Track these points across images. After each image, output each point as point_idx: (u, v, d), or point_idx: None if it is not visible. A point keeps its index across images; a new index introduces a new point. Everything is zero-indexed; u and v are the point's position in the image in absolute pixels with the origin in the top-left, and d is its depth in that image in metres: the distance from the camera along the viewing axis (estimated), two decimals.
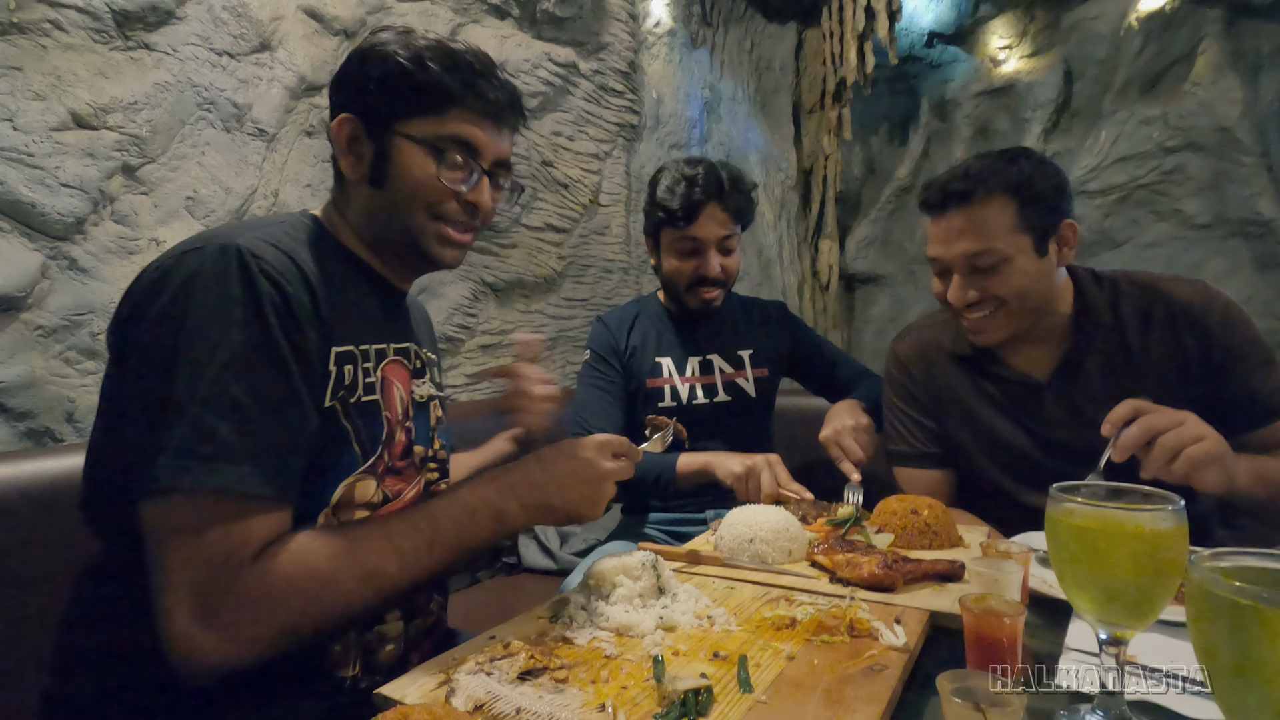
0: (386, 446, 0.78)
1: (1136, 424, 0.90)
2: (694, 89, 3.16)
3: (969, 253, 1.09)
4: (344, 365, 0.74)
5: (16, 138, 1.25)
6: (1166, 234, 3.36)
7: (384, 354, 0.81)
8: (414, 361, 0.88)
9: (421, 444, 0.86)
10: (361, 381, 0.76)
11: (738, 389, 1.53)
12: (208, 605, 0.61)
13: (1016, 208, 1.08)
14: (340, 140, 0.80)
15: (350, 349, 0.75)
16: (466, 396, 2.12)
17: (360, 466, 0.75)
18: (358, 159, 0.80)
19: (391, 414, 0.80)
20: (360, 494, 0.75)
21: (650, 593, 0.76)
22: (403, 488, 0.81)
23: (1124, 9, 3.36)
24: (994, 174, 1.08)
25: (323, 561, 0.65)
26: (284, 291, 0.67)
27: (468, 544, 0.73)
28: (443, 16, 2.03)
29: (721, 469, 1.28)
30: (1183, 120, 3.24)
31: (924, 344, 1.31)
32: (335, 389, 0.72)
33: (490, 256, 2.20)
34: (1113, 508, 0.54)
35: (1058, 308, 1.16)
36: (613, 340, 1.55)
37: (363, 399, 0.76)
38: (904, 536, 0.99)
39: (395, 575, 0.68)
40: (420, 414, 0.87)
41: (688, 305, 1.51)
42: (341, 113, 0.80)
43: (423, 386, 0.88)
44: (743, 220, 1.48)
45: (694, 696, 0.55)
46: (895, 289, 4.19)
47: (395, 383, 0.82)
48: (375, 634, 0.78)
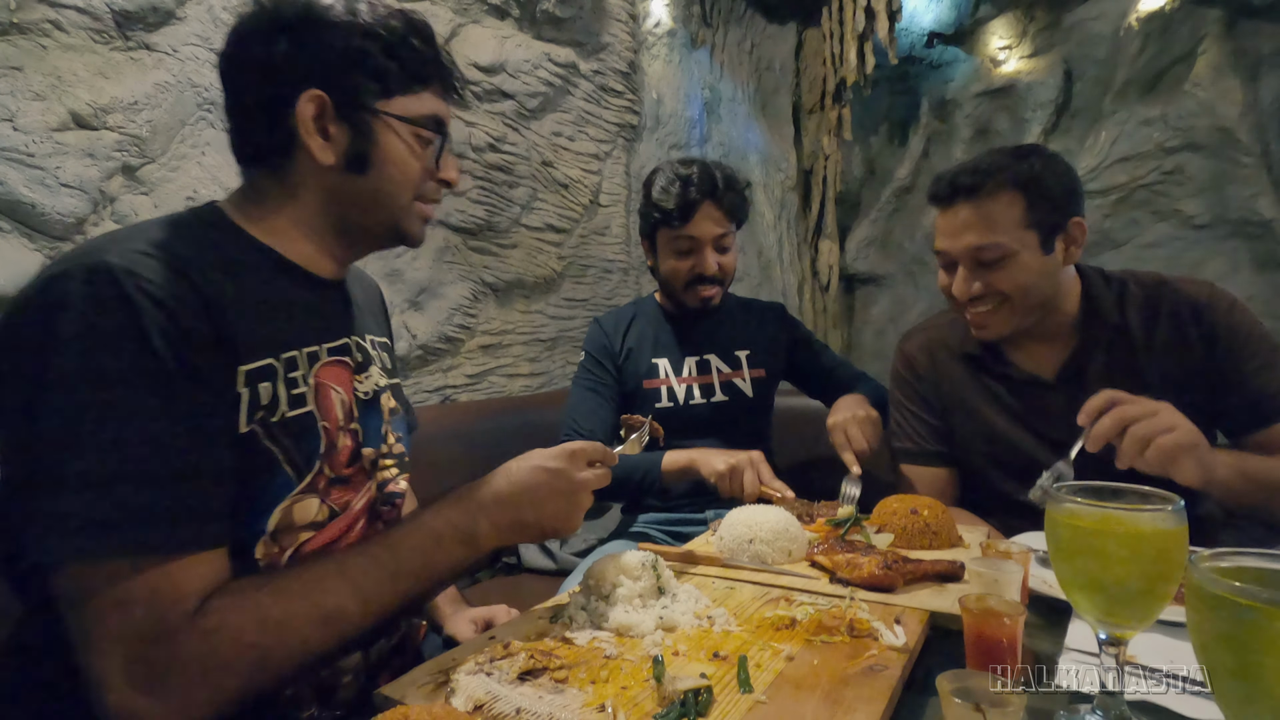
0: (326, 459, 0.71)
1: (1109, 414, 0.91)
2: (694, 89, 3.16)
3: (974, 246, 1.10)
4: (258, 384, 0.65)
5: (16, 138, 1.25)
6: (1166, 234, 3.36)
7: (316, 357, 0.73)
8: (355, 356, 0.80)
9: (372, 445, 0.79)
10: (285, 396, 0.67)
11: (735, 389, 1.53)
12: (148, 673, 0.54)
13: (1024, 204, 1.08)
14: (305, 120, 0.70)
15: (268, 363, 0.66)
16: (466, 396, 2.12)
17: (296, 487, 0.68)
18: (329, 143, 0.72)
19: (330, 422, 0.72)
20: (301, 515, 0.68)
21: (650, 593, 0.76)
22: (351, 498, 0.74)
23: (1124, 9, 3.36)
24: (1003, 169, 1.09)
25: (274, 610, 0.58)
26: (171, 313, 0.58)
27: (435, 573, 0.68)
28: (443, 16, 2.03)
29: (705, 466, 1.28)
30: (1183, 120, 3.24)
31: (931, 343, 1.31)
32: (251, 411, 0.64)
33: (490, 256, 2.20)
34: (1113, 508, 0.54)
35: (1064, 306, 1.15)
36: (607, 342, 1.55)
37: (288, 415, 0.67)
38: (904, 536, 0.99)
39: (357, 614, 0.62)
40: (368, 412, 0.79)
41: (686, 304, 1.51)
42: (302, 87, 0.69)
43: (366, 381, 0.80)
44: (737, 219, 1.49)
45: (694, 696, 0.55)
46: (895, 289, 4.19)
47: (333, 386, 0.74)
48: (330, 670, 0.72)
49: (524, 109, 2.25)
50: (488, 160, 2.14)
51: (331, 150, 0.72)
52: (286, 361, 0.69)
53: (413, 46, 0.73)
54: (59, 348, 0.55)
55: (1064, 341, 1.17)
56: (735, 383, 1.53)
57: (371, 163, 0.74)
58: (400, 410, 0.89)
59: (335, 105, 0.71)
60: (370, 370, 0.82)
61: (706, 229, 1.44)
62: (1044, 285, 1.11)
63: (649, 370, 1.52)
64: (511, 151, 2.21)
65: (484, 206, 2.15)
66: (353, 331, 0.81)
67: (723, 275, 1.48)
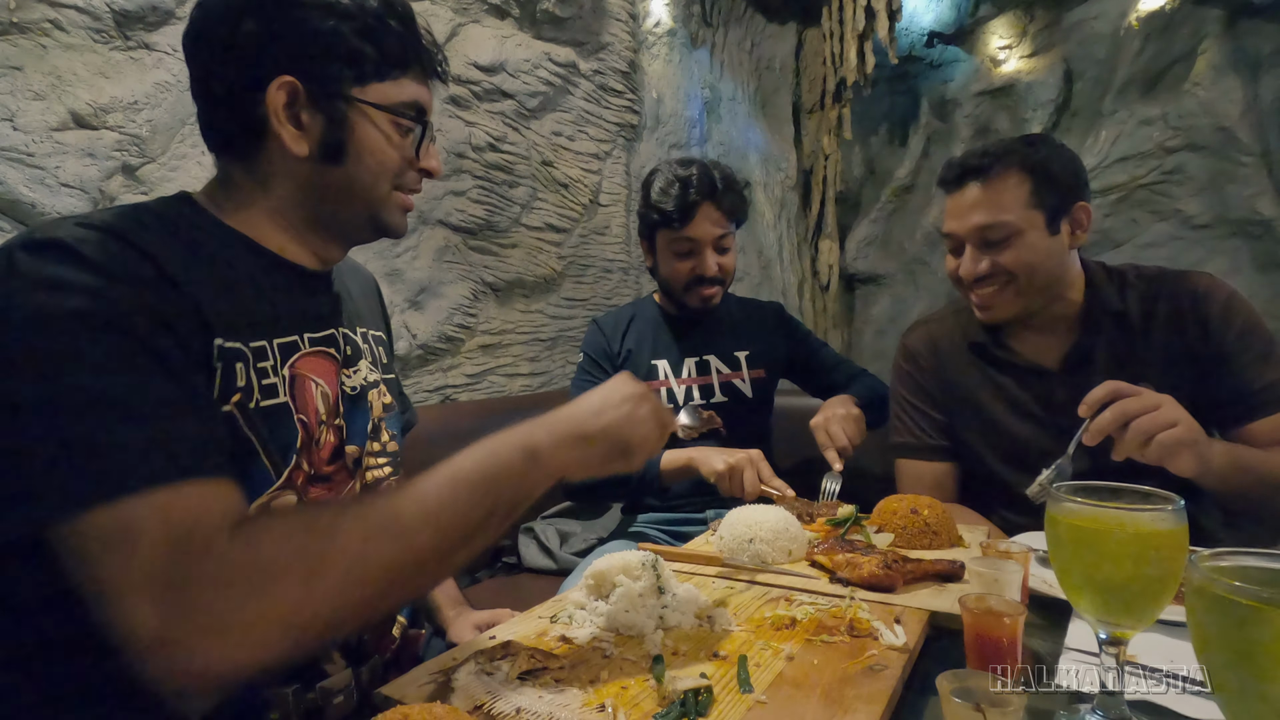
0: (304, 453, 0.67)
1: (1111, 408, 0.91)
2: (694, 89, 3.15)
3: (981, 225, 1.12)
4: (233, 362, 0.62)
5: (16, 138, 1.25)
6: (1166, 234, 3.36)
7: (294, 348, 0.69)
8: (344, 349, 0.76)
9: (356, 443, 0.75)
10: (258, 384, 0.64)
11: (735, 390, 1.52)
12: (182, 597, 0.47)
13: (1031, 185, 1.11)
14: (276, 108, 0.66)
15: (237, 346, 0.63)
16: (466, 396, 2.12)
17: (274, 483, 0.64)
18: (301, 131, 0.68)
19: (308, 416, 0.69)
20: None
21: (650, 593, 0.76)
22: (332, 496, 0.71)
23: (1124, 9, 3.36)
24: (1011, 152, 1.12)
25: (322, 517, 0.53)
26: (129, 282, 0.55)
27: (497, 486, 0.60)
28: (443, 16, 2.03)
29: (705, 466, 1.28)
30: (1183, 120, 3.24)
31: (934, 336, 1.33)
32: (226, 390, 0.61)
33: (490, 256, 2.20)
34: (1113, 508, 0.54)
35: (1069, 294, 1.17)
36: (605, 344, 1.55)
37: (262, 404, 0.64)
38: (904, 536, 0.99)
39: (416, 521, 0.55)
40: (354, 407, 0.76)
41: (686, 305, 1.51)
42: (272, 75, 0.66)
43: (355, 375, 0.77)
44: (737, 219, 1.49)
45: (694, 696, 0.55)
46: (895, 289, 4.19)
47: (312, 378, 0.70)
48: (319, 690, 0.68)
49: (524, 109, 2.25)
50: (488, 160, 2.14)
51: (305, 140, 0.68)
52: (255, 350, 0.65)
53: (391, 29, 0.69)
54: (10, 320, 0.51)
55: (1068, 331, 1.18)
56: (735, 383, 1.53)
57: (347, 153, 0.70)
58: (395, 406, 0.86)
59: (308, 92, 0.67)
60: (359, 364, 0.79)
61: (706, 230, 1.43)
62: (1049, 266, 1.13)
63: (648, 372, 1.52)
64: (511, 151, 2.21)
65: (484, 206, 2.15)
66: (341, 323, 0.78)
67: (723, 275, 1.48)
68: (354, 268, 0.94)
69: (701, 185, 1.42)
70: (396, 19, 0.70)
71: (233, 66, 0.67)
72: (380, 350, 0.87)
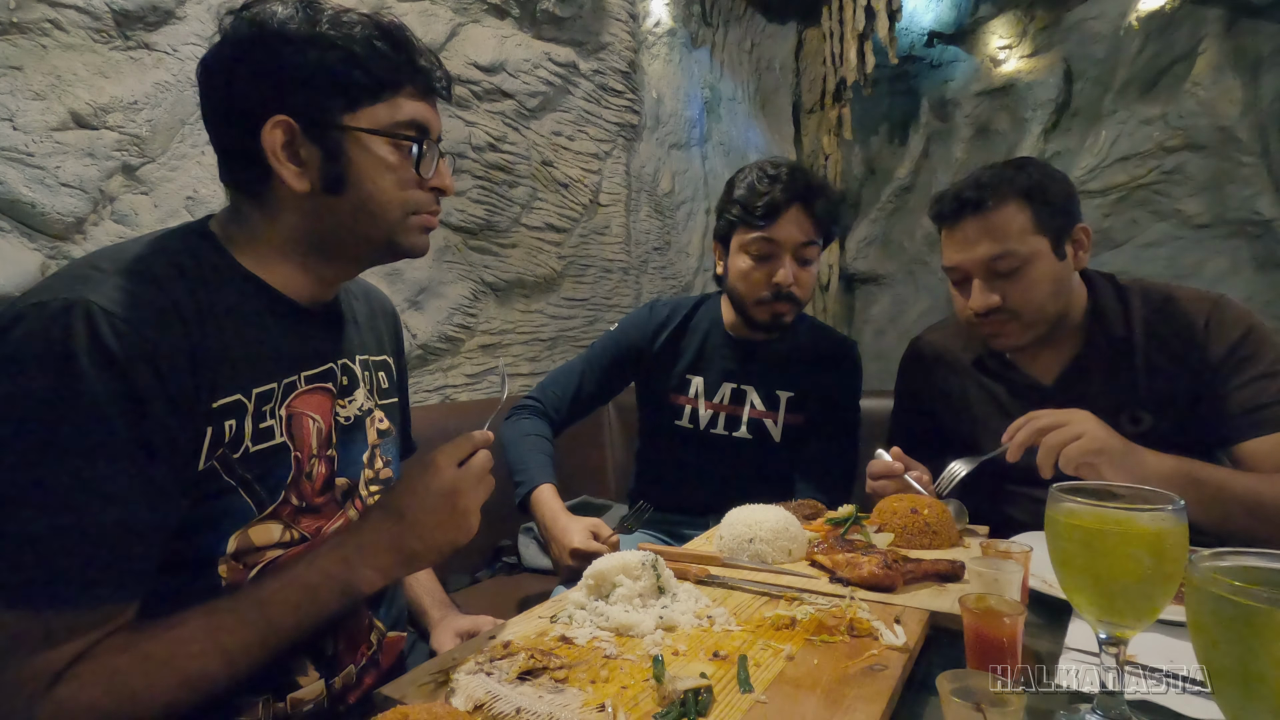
0: (294, 488, 0.70)
1: (1025, 428, 0.98)
2: (694, 89, 3.15)
3: (989, 256, 1.10)
4: (225, 421, 0.64)
5: (16, 138, 1.25)
6: (1166, 234, 3.36)
7: (293, 387, 0.71)
8: (340, 380, 0.78)
9: (348, 474, 0.77)
10: (251, 430, 0.66)
11: (762, 430, 1.42)
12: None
13: (1031, 211, 1.09)
14: (273, 149, 0.67)
15: (236, 399, 0.65)
16: (466, 396, 2.12)
17: (255, 515, 0.67)
18: (302, 168, 0.69)
19: (303, 451, 0.71)
20: (262, 538, 0.68)
21: (650, 593, 0.76)
22: (321, 525, 0.73)
23: (1124, 9, 3.36)
24: (1005, 181, 1.11)
25: (134, 679, 0.57)
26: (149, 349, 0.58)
27: (310, 624, 0.65)
28: (443, 16, 2.03)
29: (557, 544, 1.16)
30: (1183, 120, 3.24)
31: (937, 347, 1.35)
32: (213, 449, 0.63)
33: (490, 256, 2.20)
34: (1113, 508, 0.54)
35: (1071, 313, 1.16)
36: (642, 340, 1.47)
37: (251, 450, 0.66)
38: (904, 536, 0.99)
39: (224, 676, 0.61)
40: (348, 438, 0.77)
41: (754, 320, 1.36)
42: (266, 115, 0.67)
43: (350, 406, 0.78)
44: (826, 232, 1.35)
45: (694, 696, 0.55)
46: (895, 289, 4.19)
47: (309, 415, 0.72)
48: (289, 701, 0.69)
49: (524, 109, 2.25)
50: (488, 160, 2.14)
51: (305, 176, 0.69)
52: (260, 396, 0.67)
53: (378, 51, 0.69)
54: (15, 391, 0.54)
55: (1067, 348, 1.18)
56: (765, 424, 1.42)
57: (348, 181, 0.70)
58: (393, 431, 0.87)
59: (302, 128, 0.68)
60: (355, 394, 0.80)
61: (790, 234, 1.29)
62: (1060, 290, 1.12)
63: (679, 384, 1.45)
64: (511, 151, 2.21)
65: (484, 206, 2.15)
66: (339, 355, 0.79)
67: (799, 292, 1.33)
68: (367, 291, 0.94)
69: (791, 184, 1.28)
70: (384, 40, 0.70)
71: (234, 115, 0.69)
72: (381, 376, 0.87)
